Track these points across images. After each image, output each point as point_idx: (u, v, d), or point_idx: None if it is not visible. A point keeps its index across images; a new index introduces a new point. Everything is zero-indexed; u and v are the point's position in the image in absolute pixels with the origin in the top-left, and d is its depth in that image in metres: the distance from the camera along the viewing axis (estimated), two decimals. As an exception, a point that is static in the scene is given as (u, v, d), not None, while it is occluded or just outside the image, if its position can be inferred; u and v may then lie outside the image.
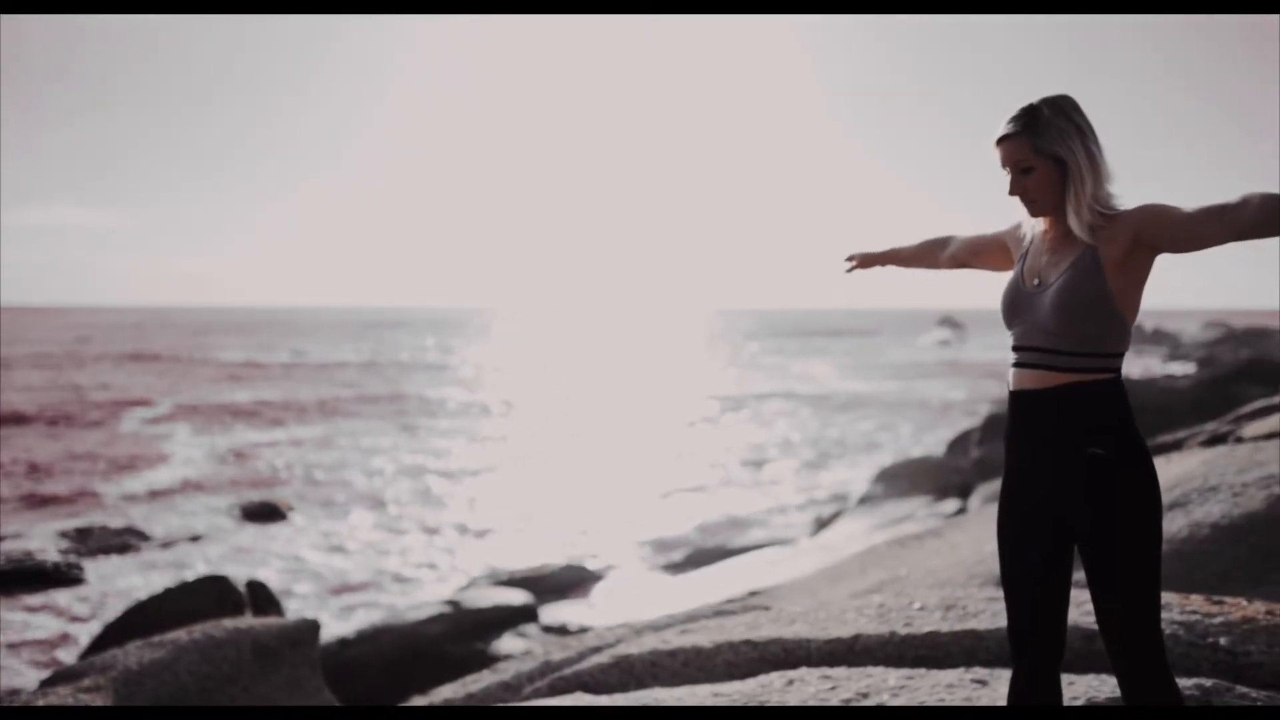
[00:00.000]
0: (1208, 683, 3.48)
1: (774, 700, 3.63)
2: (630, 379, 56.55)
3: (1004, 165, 2.61)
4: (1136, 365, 53.17)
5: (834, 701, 3.57)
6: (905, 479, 19.93)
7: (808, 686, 3.72)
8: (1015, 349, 2.64)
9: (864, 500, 19.36)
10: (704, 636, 4.42)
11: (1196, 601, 4.19)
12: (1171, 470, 6.85)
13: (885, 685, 3.68)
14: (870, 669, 3.86)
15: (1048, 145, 2.52)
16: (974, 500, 16.86)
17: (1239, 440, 8.29)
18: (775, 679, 3.86)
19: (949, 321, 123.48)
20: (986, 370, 62.19)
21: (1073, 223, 2.53)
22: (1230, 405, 17.49)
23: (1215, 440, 8.70)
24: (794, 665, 4.11)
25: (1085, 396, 2.49)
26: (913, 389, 51.02)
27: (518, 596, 13.24)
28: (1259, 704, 3.43)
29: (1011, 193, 2.61)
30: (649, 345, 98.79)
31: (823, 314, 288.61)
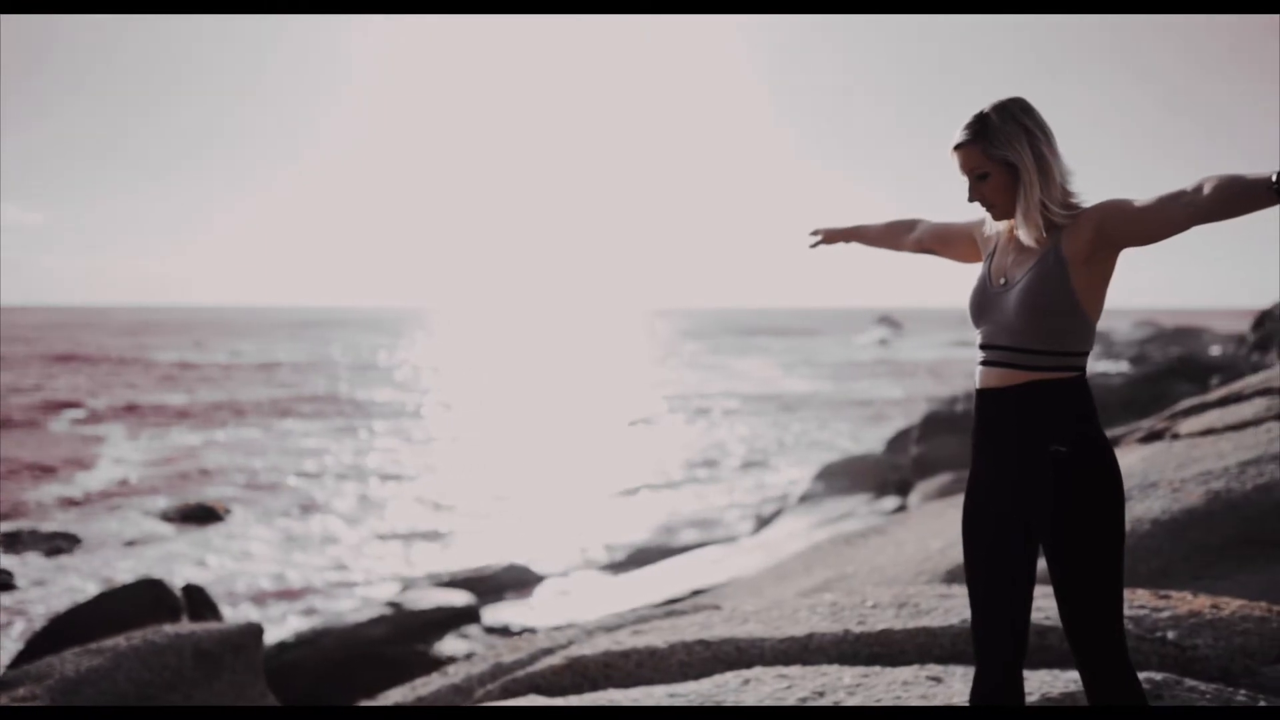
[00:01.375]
0: (1158, 676, 3.52)
1: (730, 700, 3.61)
2: (570, 379, 56.43)
3: (961, 172, 2.63)
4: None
5: (790, 700, 3.56)
6: (845, 477, 20.07)
7: (764, 686, 3.70)
8: (981, 347, 2.64)
9: (804, 498, 19.46)
10: (657, 637, 4.39)
11: (1143, 596, 4.24)
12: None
13: (841, 683, 3.67)
14: (825, 667, 3.86)
15: (997, 150, 2.53)
16: (913, 497, 17.02)
17: (1175, 437, 8.44)
18: (730, 679, 3.84)
19: (887, 320, 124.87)
20: (925, 369, 62.96)
21: (1019, 226, 2.56)
22: (1162, 402, 17.86)
23: (1152, 437, 8.84)
24: (748, 665, 4.10)
25: (1048, 394, 2.51)
26: (852, 388, 51.47)
27: (459, 598, 13.14)
28: (1208, 696, 3.48)
29: (970, 199, 2.64)
30: (589, 345, 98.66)
31: (761, 313, 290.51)
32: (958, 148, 2.60)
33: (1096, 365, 49.71)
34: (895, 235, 3.16)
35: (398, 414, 39.69)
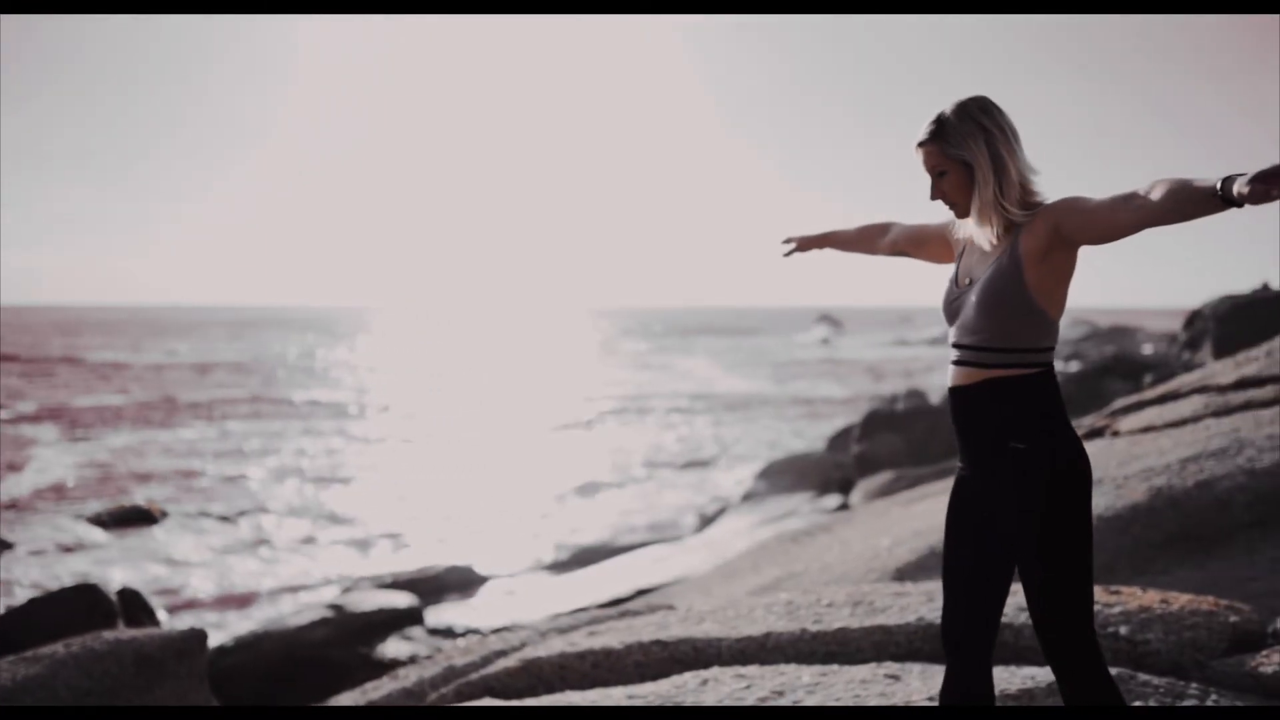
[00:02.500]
0: (1112, 671, 3.54)
1: (690, 701, 3.58)
2: (513, 379, 56.16)
3: (924, 170, 2.65)
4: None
5: (750, 700, 3.54)
6: (788, 475, 20.17)
7: (722, 686, 3.68)
8: (952, 346, 2.67)
9: (748, 497, 19.53)
10: (613, 638, 4.35)
11: (1094, 591, 4.27)
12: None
13: (800, 683, 3.66)
14: (783, 667, 3.85)
15: (954, 149, 2.56)
16: (855, 495, 17.15)
17: (1116, 434, 8.57)
18: (689, 679, 3.81)
19: (827, 319, 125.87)
20: (866, 368, 63.50)
21: (974, 225, 2.59)
22: (1099, 399, 18.15)
23: (1093, 434, 8.97)
24: (705, 665, 4.07)
25: (1010, 391, 2.52)
26: (794, 386, 51.77)
27: (402, 599, 12.98)
28: (1161, 690, 3.51)
29: (932, 197, 2.66)
30: (531, 345, 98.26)
31: (701, 312, 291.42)
32: (919, 146, 2.63)
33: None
34: (869, 239, 3.17)
35: (336, 414, 39.24)
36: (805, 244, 3.31)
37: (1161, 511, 6.17)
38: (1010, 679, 3.58)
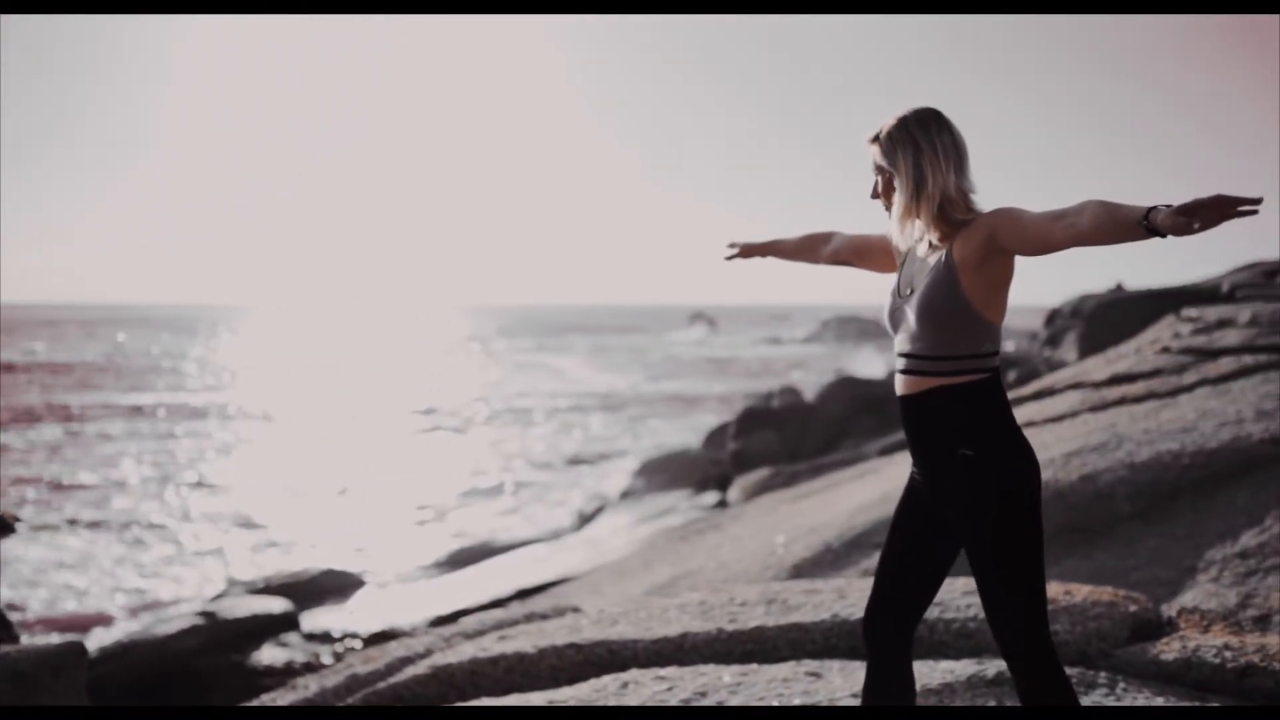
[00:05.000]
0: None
1: (612, 704, 3.50)
2: (385, 380, 55.14)
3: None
4: (876, 360, 56.26)
5: (673, 702, 3.49)
6: (665, 473, 20.26)
7: (643, 688, 3.62)
8: (898, 356, 2.69)
9: (626, 495, 19.56)
10: (525, 641, 4.25)
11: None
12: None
13: (721, 683, 3.62)
14: (703, 667, 3.80)
15: (884, 157, 2.63)
16: (733, 492, 17.30)
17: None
18: (608, 682, 3.74)
19: (702, 317, 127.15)
20: (740, 366, 64.26)
21: (894, 230, 2.66)
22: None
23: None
24: (622, 667, 4.01)
25: (956, 399, 2.54)
26: (670, 384, 52.09)
27: (276, 604, 12.59)
28: (1071, 679, 3.57)
29: (871, 196, 2.72)
30: (403, 344, 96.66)
31: (574, 309, 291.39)
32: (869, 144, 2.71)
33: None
34: (811, 248, 3.18)
35: (200, 416, 37.99)
36: (747, 251, 3.32)
37: (1049, 504, 6.32)
38: (930, 674, 3.60)
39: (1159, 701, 3.51)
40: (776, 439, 21.28)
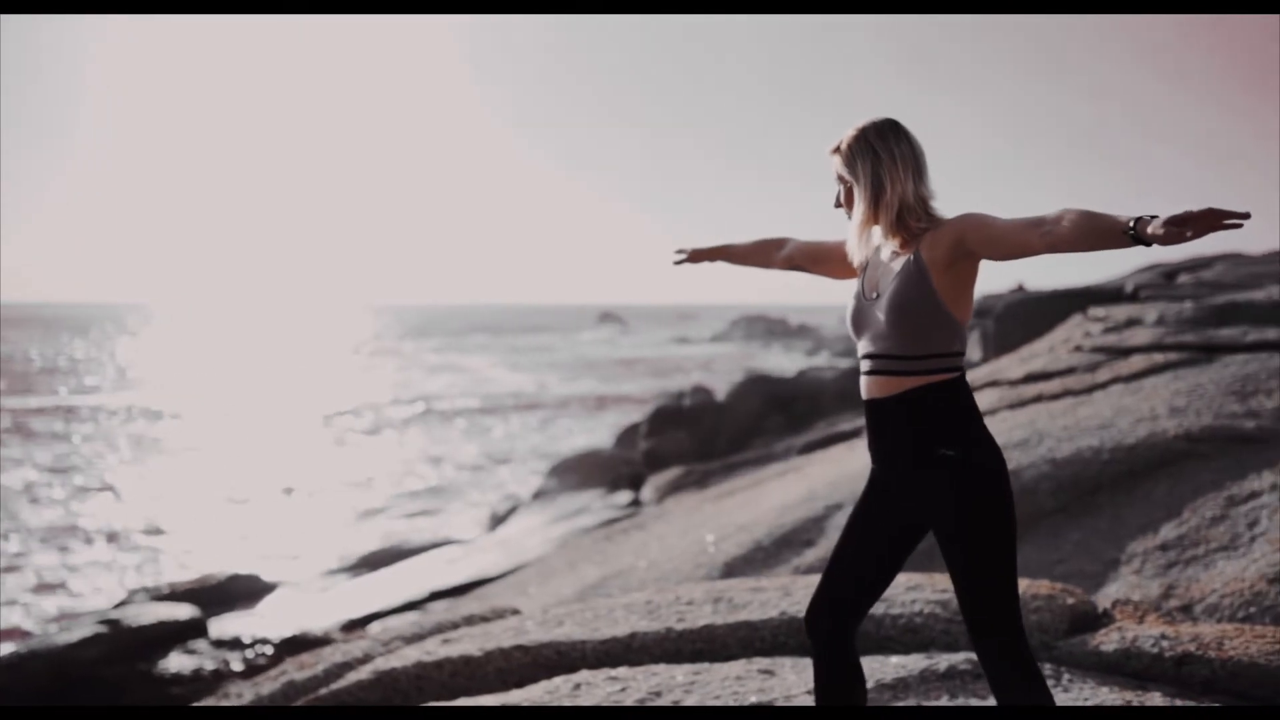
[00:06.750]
0: (973, 657, 3.62)
1: (566, 705, 3.43)
2: (292, 381, 54.05)
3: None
4: (784, 359, 56.87)
5: (628, 702, 3.45)
6: (577, 473, 20.19)
7: (596, 689, 3.56)
8: (862, 358, 2.70)
9: (538, 495, 19.46)
10: (470, 644, 4.15)
11: (941, 580, 4.38)
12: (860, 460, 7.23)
13: (675, 682, 3.58)
14: (654, 667, 3.76)
15: (844, 167, 2.68)
16: (646, 491, 17.32)
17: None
18: (560, 684, 3.67)
19: (611, 317, 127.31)
20: (650, 365, 64.37)
21: (849, 238, 2.71)
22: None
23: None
24: (571, 669, 3.94)
25: (930, 398, 2.57)
26: (580, 384, 51.99)
27: (183, 611, 12.21)
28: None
29: (835, 206, 2.76)
30: (311, 345, 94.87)
31: (482, 309, 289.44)
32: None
33: (813, 359, 52.54)
34: (764, 253, 3.21)
35: (96, 417, 36.82)
36: (697, 256, 3.33)
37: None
38: (882, 669, 3.61)
39: (1104, 691, 3.56)
40: (688, 438, 21.35)
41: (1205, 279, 14.62)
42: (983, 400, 8.96)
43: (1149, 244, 2.14)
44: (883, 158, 2.61)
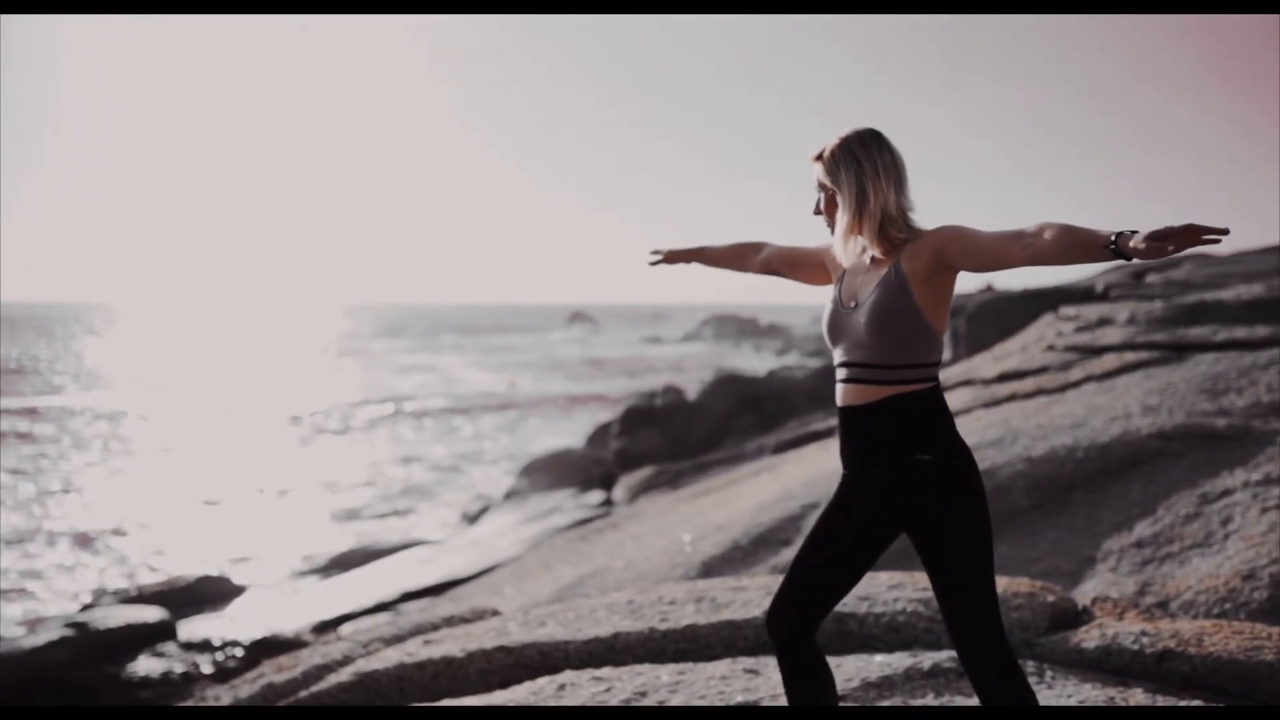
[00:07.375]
0: (949, 654, 3.63)
1: (551, 705, 3.40)
2: (263, 381, 53.62)
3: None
4: (755, 359, 56.99)
5: (613, 702, 3.43)
6: (549, 473, 20.16)
7: (581, 690, 3.54)
8: (839, 366, 2.72)
9: (510, 495, 19.41)
10: (452, 645, 4.12)
11: (924, 579, 4.38)
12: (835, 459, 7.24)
13: (660, 682, 3.57)
14: (638, 667, 3.75)
15: (827, 176, 2.69)
16: (618, 491, 17.30)
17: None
18: (544, 684, 3.65)
19: (581, 317, 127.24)
20: (621, 365, 64.33)
21: (834, 247, 2.71)
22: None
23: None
24: (554, 669, 3.92)
25: (907, 407, 2.58)
26: (552, 384, 51.89)
27: (151, 613, 12.12)
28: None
29: (814, 212, 2.78)
30: (281, 346, 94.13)
31: (452, 309, 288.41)
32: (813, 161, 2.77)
33: (784, 359, 52.71)
34: (740, 257, 3.22)
35: (62, 419, 36.39)
36: (673, 257, 3.34)
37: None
38: (867, 668, 3.61)
39: (1086, 688, 3.57)
40: (659, 438, 21.35)
41: (1174, 278, 14.77)
42: (957, 399, 9.01)
43: (1130, 258, 2.16)
44: (866, 167, 2.63)
